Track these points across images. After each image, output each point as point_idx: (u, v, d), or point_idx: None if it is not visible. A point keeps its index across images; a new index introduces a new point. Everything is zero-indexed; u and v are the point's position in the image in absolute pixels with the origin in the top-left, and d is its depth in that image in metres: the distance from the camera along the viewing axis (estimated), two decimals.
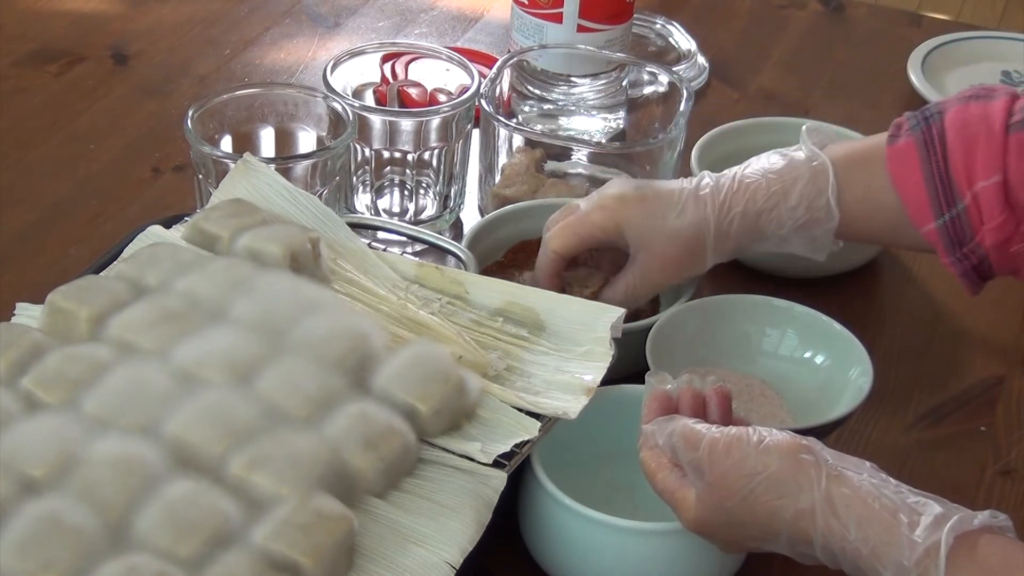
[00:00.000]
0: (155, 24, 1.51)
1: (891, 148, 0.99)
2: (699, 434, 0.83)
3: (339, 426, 0.85)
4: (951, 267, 0.99)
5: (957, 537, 0.75)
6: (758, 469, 0.80)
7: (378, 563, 0.81)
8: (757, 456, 0.80)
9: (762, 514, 0.80)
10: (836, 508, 0.78)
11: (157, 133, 1.33)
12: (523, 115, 1.31)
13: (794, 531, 0.80)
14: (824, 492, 0.78)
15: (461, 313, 0.99)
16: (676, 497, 0.84)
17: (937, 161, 0.97)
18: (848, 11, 1.63)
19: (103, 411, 0.84)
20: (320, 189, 1.10)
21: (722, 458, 0.81)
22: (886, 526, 0.77)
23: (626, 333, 0.97)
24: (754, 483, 0.80)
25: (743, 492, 0.80)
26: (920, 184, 0.97)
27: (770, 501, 0.80)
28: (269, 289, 0.93)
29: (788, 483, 0.79)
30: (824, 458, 0.80)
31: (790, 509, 0.79)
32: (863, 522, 0.77)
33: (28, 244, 1.19)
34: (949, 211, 0.97)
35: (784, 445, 0.81)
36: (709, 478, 0.82)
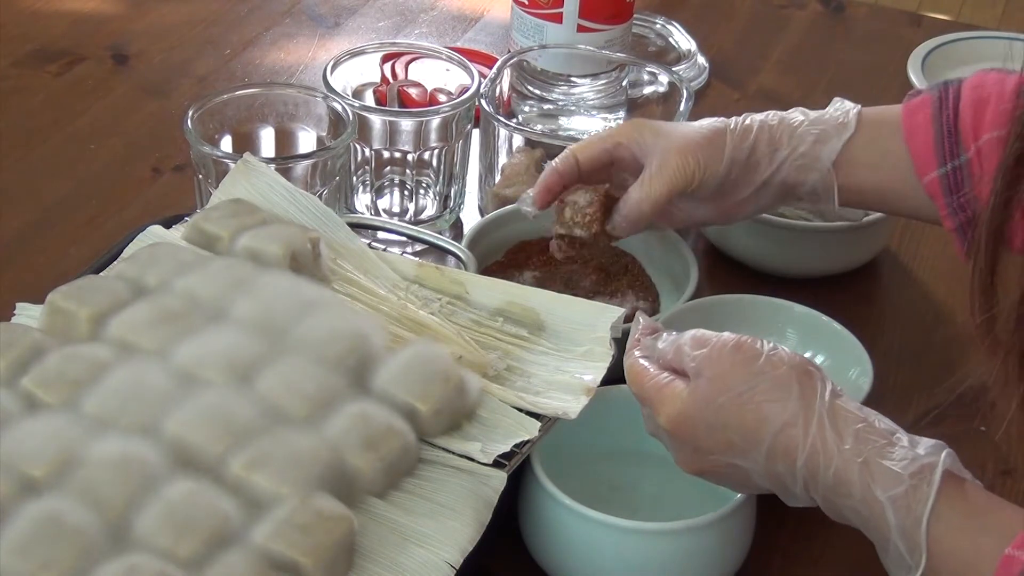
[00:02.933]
0: (155, 24, 1.51)
1: (908, 103, 1.01)
2: (710, 335, 0.84)
3: (339, 426, 0.85)
4: (947, 220, 0.98)
5: (950, 472, 0.76)
6: (765, 370, 0.80)
7: (378, 563, 0.81)
8: (767, 358, 0.81)
9: (753, 415, 0.80)
10: (836, 419, 0.78)
11: (157, 133, 1.33)
12: (523, 115, 1.31)
13: (779, 438, 0.79)
14: (827, 401, 0.79)
15: (461, 313, 0.99)
16: (663, 393, 0.83)
17: (948, 114, 0.97)
18: (848, 11, 1.63)
19: (103, 411, 0.84)
20: (320, 189, 1.10)
21: (730, 354, 0.82)
22: (886, 443, 0.77)
23: (626, 333, 0.97)
24: (756, 381, 0.80)
25: (742, 388, 0.80)
26: (929, 134, 0.98)
27: (766, 402, 0.80)
28: (269, 289, 0.93)
29: (791, 388, 0.80)
30: (827, 378, 0.81)
31: (783, 415, 0.79)
32: (861, 435, 0.78)
33: (28, 244, 1.19)
34: (952, 160, 0.97)
35: (795, 358, 0.82)
36: (709, 373, 0.81)
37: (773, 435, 0.79)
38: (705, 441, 0.82)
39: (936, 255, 1.24)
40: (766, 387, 0.80)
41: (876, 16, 1.64)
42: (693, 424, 0.82)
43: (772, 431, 0.79)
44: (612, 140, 1.03)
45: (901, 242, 1.25)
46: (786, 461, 0.79)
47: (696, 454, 0.83)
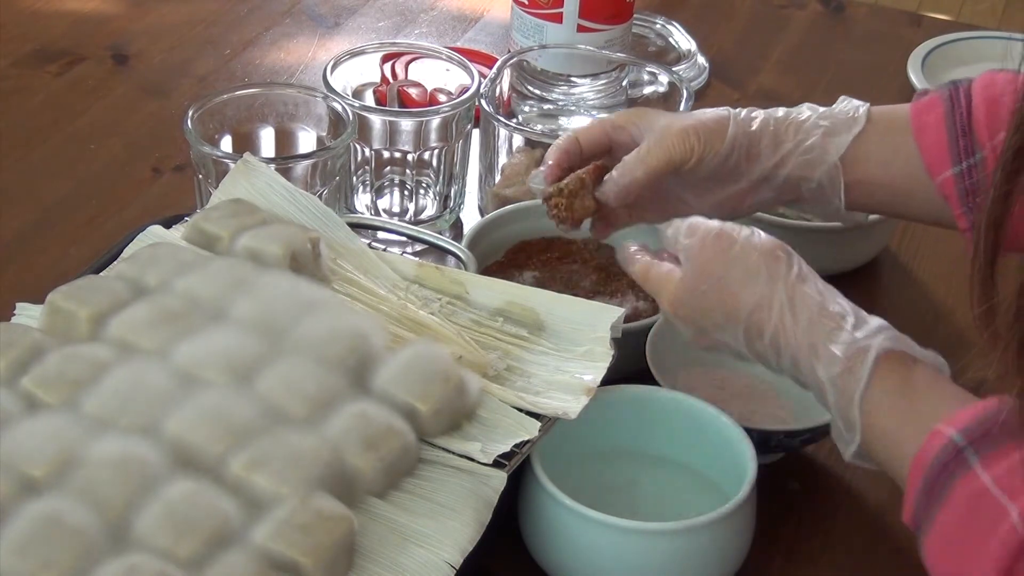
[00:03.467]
0: (155, 24, 1.51)
1: (917, 102, 1.01)
2: (699, 224, 0.91)
3: (339, 426, 0.85)
4: (961, 218, 0.97)
5: (895, 352, 0.82)
6: (738, 256, 0.87)
7: (378, 563, 0.81)
8: (740, 245, 0.88)
9: (729, 299, 0.87)
10: (795, 302, 0.85)
11: (157, 133, 1.33)
12: (523, 115, 1.31)
13: (751, 320, 0.86)
14: (789, 286, 0.86)
15: (461, 313, 0.99)
16: (663, 281, 0.91)
17: (961, 113, 0.97)
18: (848, 11, 1.63)
19: (103, 411, 0.84)
20: (320, 189, 1.10)
21: (712, 243, 0.89)
22: (833, 325, 0.84)
23: (626, 333, 0.97)
24: (730, 268, 0.87)
25: (720, 274, 0.88)
26: (941, 132, 0.98)
27: (739, 289, 0.87)
28: (269, 289, 0.93)
29: (760, 273, 0.87)
30: (799, 260, 0.87)
31: (754, 296, 0.86)
32: (813, 319, 0.84)
33: (28, 244, 1.19)
34: (967, 159, 0.96)
35: (766, 242, 0.88)
36: (696, 260, 0.89)
37: (747, 317, 0.87)
38: (700, 322, 0.90)
39: (936, 255, 1.24)
40: (738, 273, 0.87)
41: (876, 16, 1.64)
42: (688, 308, 0.90)
43: (745, 313, 0.87)
44: (612, 122, 1.02)
45: (901, 242, 1.25)
46: (759, 340, 0.86)
47: (699, 333, 0.91)
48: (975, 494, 0.73)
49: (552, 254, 1.13)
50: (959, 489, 0.74)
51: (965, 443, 0.74)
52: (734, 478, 0.90)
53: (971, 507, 0.74)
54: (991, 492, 0.73)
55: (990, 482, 0.73)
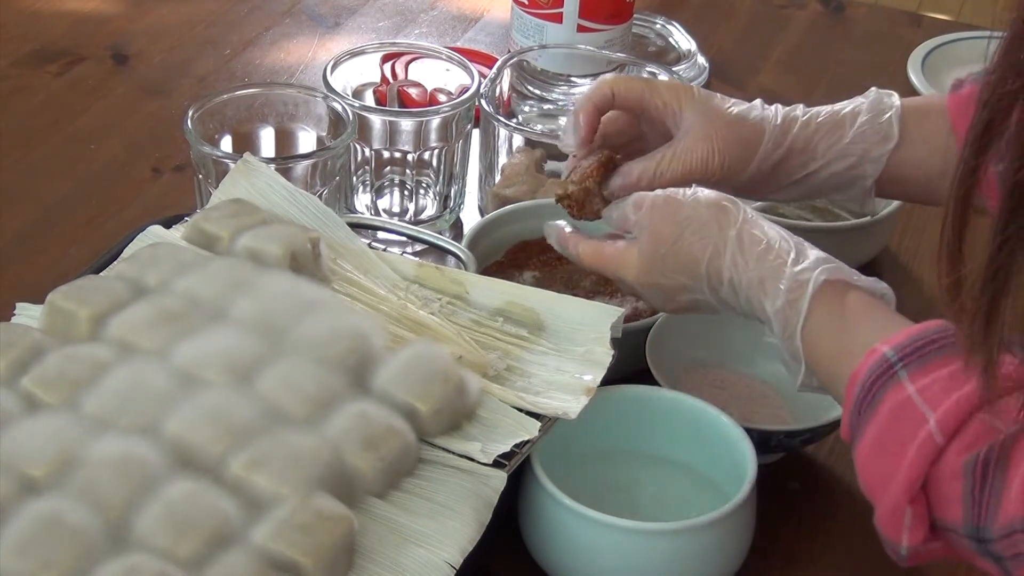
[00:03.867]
0: (155, 24, 1.51)
1: (953, 95, 1.00)
2: (643, 196, 0.94)
3: (339, 426, 0.85)
4: None
5: (835, 282, 0.85)
6: (688, 215, 0.90)
7: (378, 563, 0.81)
8: (688, 204, 0.91)
9: (688, 256, 0.90)
10: (744, 244, 0.88)
11: (157, 133, 1.33)
12: (523, 115, 1.31)
13: (711, 271, 0.89)
14: (738, 230, 0.89)
15: (461, 313, 0.99)
16: (622, 259, 0.94)
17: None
18: (848, 11, 1.63)
19: (103, 411, 0.84)
20: (320, 189, 1.10)
21: (661, 210, 0.92)
22: (777, 262, 0.87)
23: (626, 333, 0.97)
24: (683, 228, 0.90)
25: (674, 237, 0.90)
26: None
27: (695, 244, 0.90)
28: (269, 289, 0.93)
29: (710, 225, 0.90)
30: (744, 207, 0.91)
31: (709, 247, 0.89)
32: (760, 256, 0.88)
33: (28, 244, 1.19)
34: None
35: (712, 195, 0.92)
36: (649, 230, 0.92)
37: (706, 269, 0.90)
38: (667, 287, 0.92)
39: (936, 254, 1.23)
40: (692, 229, 0.90)
41: (876, 16, 1.64)
42: (651, 276, 0.92)
43: (704, 266, 0.90)
44: (652, 94, 1.00)
45: (901, 242, 1.25)
46: (722, 287, 0.90)
47: (667, 299, 0.93)
48: (900, 403, 0.77)
49: (552, 254, 1.13)
50: (887, 400, 0.77)
51: (897, 358, 0.78)
52: (734, 478, 0.90)
53: (895, 416, 0.77)
54: (914, 401, 0.76)
55: (914, 392, 0.76)
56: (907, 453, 0.76)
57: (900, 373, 0.77)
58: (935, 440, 0.75)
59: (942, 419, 0.75)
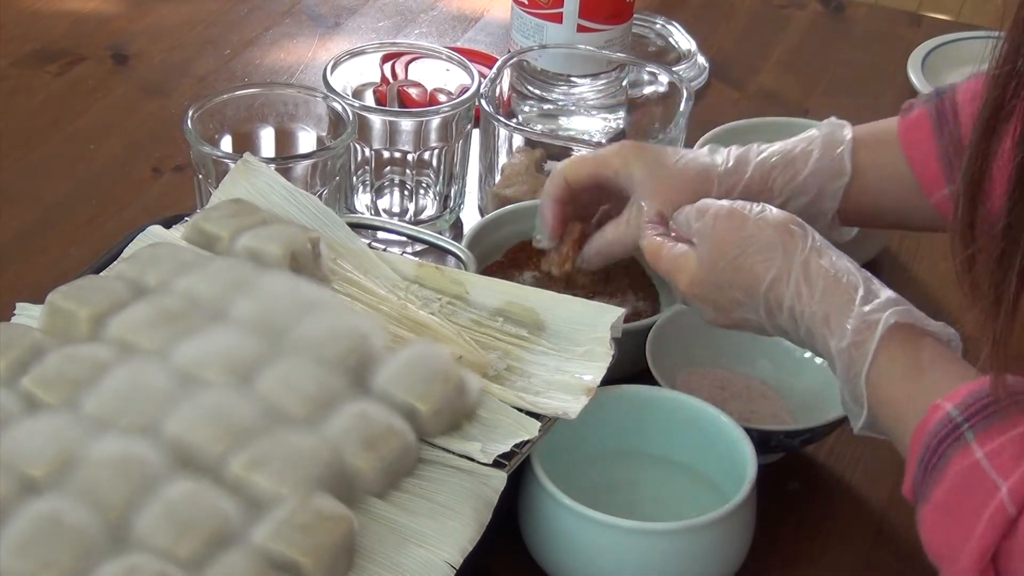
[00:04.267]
0: (155, 24, 1.51)
1: (904, 120, 1.01)
2: (708, 204, 0.92)
3: (339, 426, 0.85)
4: None
5: (903, 325, 0.82)
6: (753, 232, 0.88)
7: (378, 563, 0.81)
8: (754, 222, 0.89)
9: (747, 275, 0.88)
10: (810, 274, 0.86)
11: (157, 133, 1.33)
12: (523, 115, 1.31)
13: (770, 294, 0.87)
14: (804, 258, 0.87)
15: (461, 313, 0.99)
16: (678, 263, 0.92)
17: (950, 130, 0.97)
18: (848, 11, 1.63)
19: (103, 411, 0.84)
20: (320, 189, 1.10)
21: (724, 222, 0.90)
22: (845, 298, 0.84)
23: (626, 333, 0.97)
24: (746, 245, 0.88)
25: (736, 252, 0.88)
26: (932, 151, 0.98)
27: (757, 263, 0.88)
28: (269, 289, 0.93)
29: (775, 248, 0.88)
30: (812, 233, 0.88)
31: (771, 271, 0.87)
32: (827, 290, 0.85)
33: (28, 244, 1.19)
34: None
35: (779, 216, 0.90)
36: (710, 241, 0.90)
37: (765, 291, 0.87)
38: (720, 301, 0.90)
39: (936, 255, 1.24)
40: (755, 249, 0.88)
41: (876, 16, 1.64)
42: (705, 287, 0.90)
43: (764, 288, 0.87)
44: (602, 169, 1.02)
45: (901, 242, 1.25)
46: (780, 314, 0.87)
47: (717, 312, 0.91)
48: (968, 469, 0.74)
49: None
50: (954, 464, 0.75)
51: (962, 418, 0.75)
52: (734, 478, 0.90)
53: (963, 482, 0.74)
54: (983, 468, 0.74)
55: (983, 458, 0.74)
56: (977, 524, 0.73)
57: (967, 435, 0.75)
58: (1007, 511, 0.72)
59: (1014, 489, 0.72)
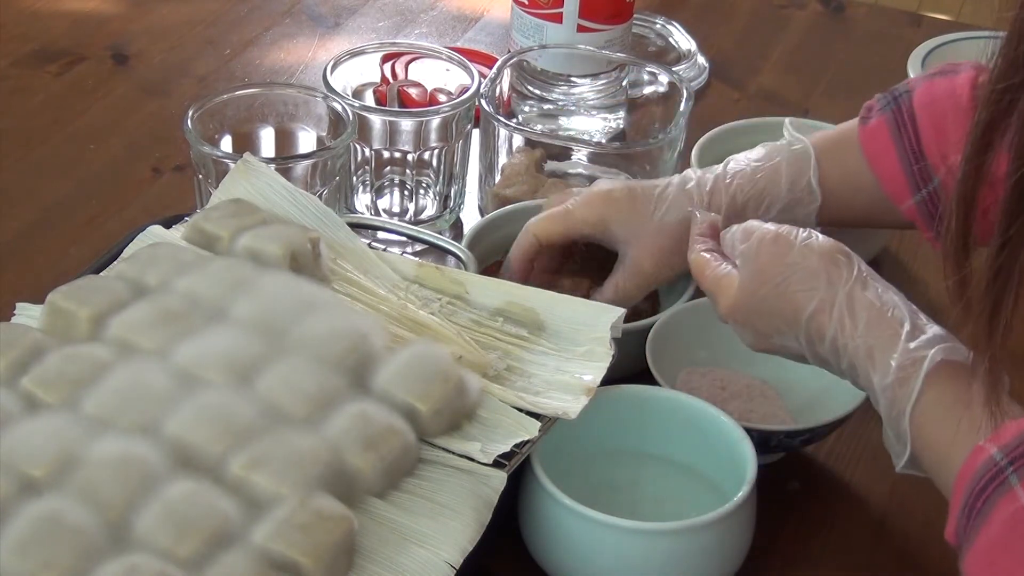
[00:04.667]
0: (155, 24, 1.51)
1: (863, 129, 1.01)
2: (754, 227, 0.91)
3: (339, 426, 0.85)
4: (934, 242, 0.99)
5: (948, 362, 0.80)
6: (797, 260, 0.87)
7: (378, 563, 0.81)
8: (799, 249, 0.87)
9: (790, 304, 0.87)
10: (854, 306, 0.84)
11: (157, 133, 1.33)
12: (523, 115, 1.31)
13: (812, 324, 0.86)
14: (848, 289, 0.85)
15: (461, 313, 0.99)
16: (721, 284, 0.91)
17: (909, 138, 0.98)
18: (848, 11, 1.63)
19: (103, 411, 0.84)
20: (320, 189, 1.10)
21: (769, 247, 0.88)
22: (890, 332, 0.83)
23: (626, 333, 0.97)
24: (790, 272, 0.87)
25: (778, 279, 0.87)
26: (895, 162, 0.99)
27: (799, 292, 0.86)
28: (269, 289, 0.93)
29: (819, 277, 0.86)
30: (859, 262, 0.87)
31: (814, 301, 0.85)
32: (871, 323, 0.84)
33: (28, 244, 1.19)
34: (926, 186, 0.98)
35: (825, 245, 0.88)
36: (754, 265, 0.89)
37: (807, 321, 0.86)
38: (759, 326, 0.89)
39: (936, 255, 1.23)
40: (799, 277, 0.87)
41: (876, 16, 1.64)
42: (746, 312, 0.89)
43: (806, 317, 0.86)
44: (575, 228, 1.04)
45: (901, 242, 1.25)
46: (820, 343, 0.86)
47: (757, 337, 0.90)
48: (1013, 515, 0.72)
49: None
50: (1000, 509, 0.73)
51: (1006, 461, 0.73)
52: (734, 478, 0.90)
53: (1009, 528, 0.72)
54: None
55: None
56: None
57: (1011, 479, 0.73)
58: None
59: None
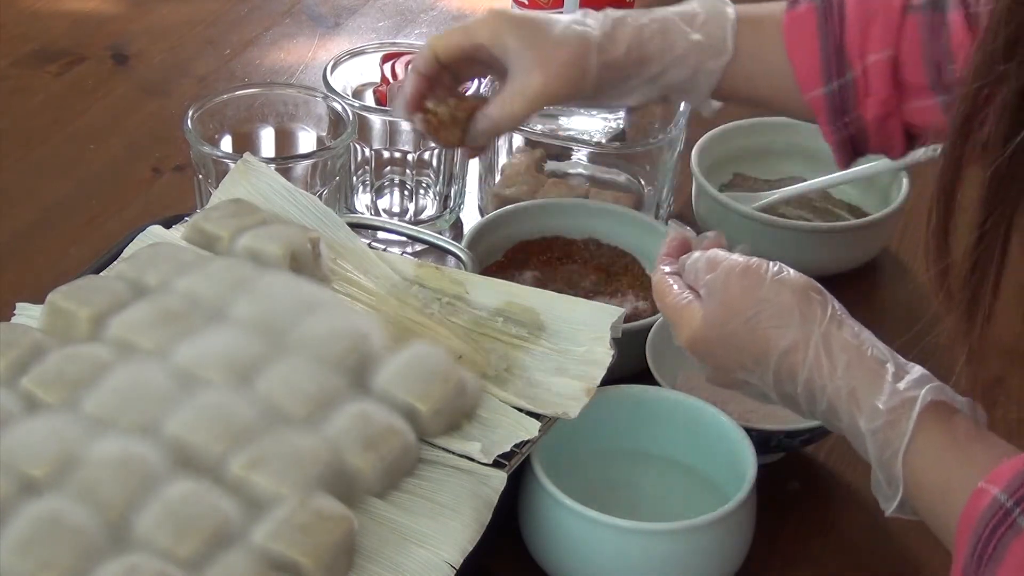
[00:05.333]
0: (155, 24, 1.51)
1: (790, 12, 1.00)
2: (721, 258, 0.86)
3: (339, 426, 0.85)
4: (829, 136, 0.99)
5: (936, 403, 0.78)
6: (769, 296, 0.83)
7: (378, 563, 0.81)
8: (771, 284, 0.84)
9: (760, 340, 0.83)
10: (831, 346, 0.81)
11: (157, 133, 1.33)
12: None
13: (783, 363, 0.82)
14: (824, 329, 0.82)
15: (461, 313, 0.99)
16: (682, 314, 0.86)
17: (834, 29, 0.98)
18: None
19: (103, 411, 0.84)
20: (320, 189, 1.10)
21: (738, 280, 0.84)
22: (872, 374, 0.80)
23: (626, 333, 0.97)
24: (761, 307, 0.83)
25: (748, 314, 0.83)
26: (814, 50, 0.98)
27: (771, 328, 0.82)
28: (269, 289, 0.93)
29: (793, 314, 0.82)
30: (832, 300, 0.84)
31: (787, 339, 0.82)
32: (852, 364, 0.80)
33: (28, 244, 1.19)
34: (838, 79, 0.97)
35: (798, 281, 0.84)
36: (721, 297, 0.84)
37: (777, 359, 0.82)
38: (722, 360, 0.85)
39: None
40: (770, 313, 0.83)
41: None
42: (708, 345, 0.85)
43: (776, 356, 0.82)
44: (471, 39, 1.00)
45: (901, 242, 1.25)
46: (790, 383, 0.82)
47: (718, 371, 0.87)
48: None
49: (552, 254, 1.13)
50: (1013, 551, 0.71)
51: (1012, 502, 0.72)
52: (734, 478, 0.90)
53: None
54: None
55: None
56: None
57: (1020, 520, 0.71)
58: None
59: None
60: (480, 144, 1.03)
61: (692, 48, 1.00)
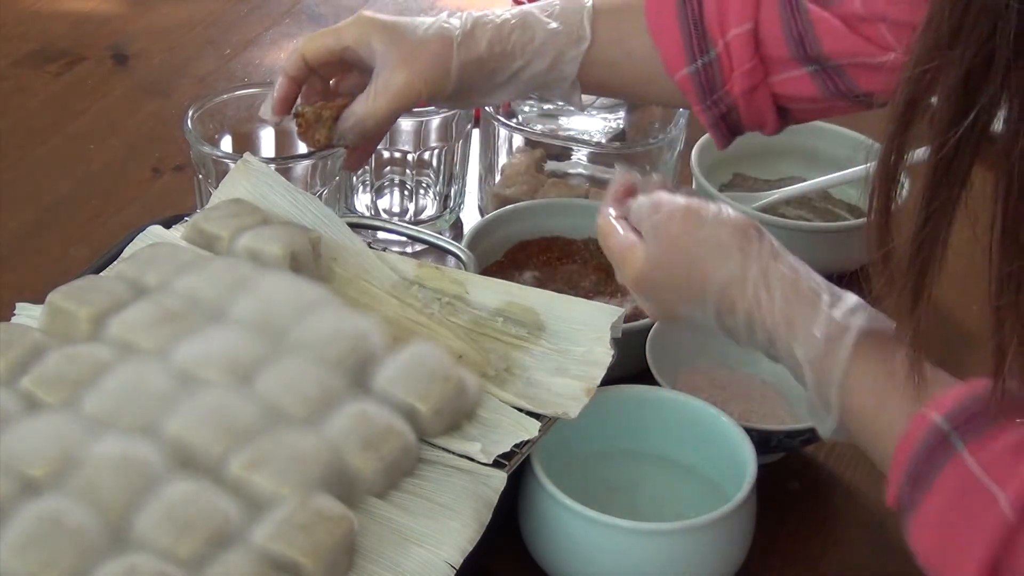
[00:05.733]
0: (155, 24, 1.52)
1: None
2: (664, 200, 0.88)
3: (339, 426, 0.85)
4: (701, 115, 1.01)
5: (873, 330, 0.80)
6: (708, 234, 0.85)
7: (378, 563, 0.81)
8: (711, 224, 0.86)
9: (699, 276, 0.85)
10: (769, 280, 0.83)
11: (157, 133, 1.33)
12: (523, 115, 1.31)
13: (722, 297, 0.84)
14: (763, 264, 0.84)
15: (461, 313, 0.99)
16: (626, 255, 0.88)
17: (692, 9, 0.99)
18: None
19: (103, 411, 0.84)
20: (320, 189, 1.10)
21: (680, 221, 0.86)
22: (809, 304, 0.82)
23: (626, 333, 0.97)
24: (701, 247, 0.85)
25: (689, 251, 0.85)
26: (675, 31, 1.00)
27: (710, 264, 0.85)
28: (269, 289, 0.94)
29: (732, 251, 0.84)
30: (770, 237, 0.86)
31: (726, 273, 0.84)
32: (789, 296, 0.82)
33: (28, 244, 1.19)
34: (702, 57, 0.99)
35: (737, 219, 0.86)
36: (663, 237, 0.86)
37: (717, 295, 0.84)
38: (666, 298, 0.88)
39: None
40: (710, 249, 0.85)
41: None
42: (652, 284, 0.88)
43: (716, 290, 0.84)
44: (339, 42, 1.02)
45: None
46: (730, 316, 0.84)
47: (660, 307, 0.89)
48: (962, 480, 0.73)
49: (552, 254, 1.13)
50: (946, 475, 0.73)
51: (950, 428, 0.74)
52: (734, 478, 0.90)
53: (958, 493, 0.73)
54: (979, 479, 0.72)
55: (977, 468, 0.72)
56: (978, 535, 0.71)
57: (956, 445, 0.73)
58: (1007, 521, 0.70)
59: (1015, 498, 0.70)
60: (349, 143, 1.05)
61: (550, 36, 1.02)
